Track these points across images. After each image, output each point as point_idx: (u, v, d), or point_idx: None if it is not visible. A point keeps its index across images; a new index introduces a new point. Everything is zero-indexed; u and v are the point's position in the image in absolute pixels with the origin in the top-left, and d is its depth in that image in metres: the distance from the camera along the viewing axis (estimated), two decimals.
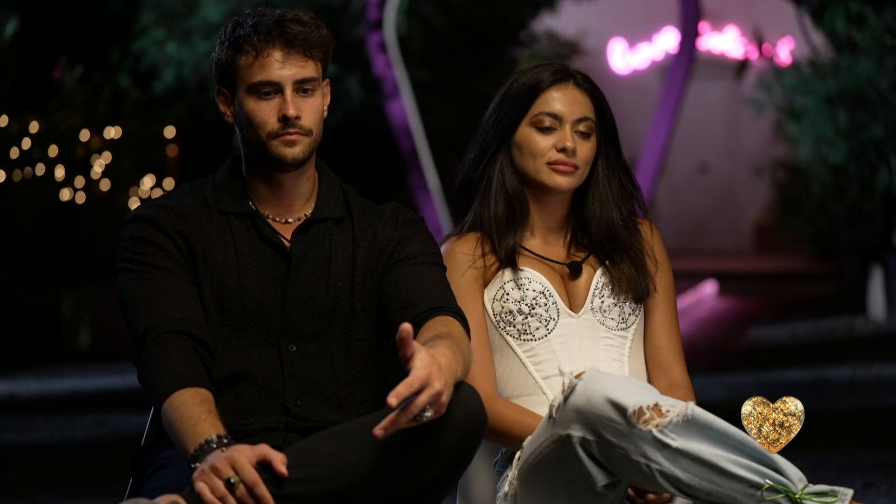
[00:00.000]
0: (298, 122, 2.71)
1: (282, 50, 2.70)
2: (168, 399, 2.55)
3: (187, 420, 2.51)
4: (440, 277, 2.78)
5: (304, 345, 2.74)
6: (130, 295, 2.68)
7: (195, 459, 2.46)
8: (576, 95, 2.99)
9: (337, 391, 2.73)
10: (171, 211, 2.74)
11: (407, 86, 11.09)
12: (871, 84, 10.06)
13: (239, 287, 2.72)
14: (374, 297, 2.78)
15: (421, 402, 2.38)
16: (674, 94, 11.35)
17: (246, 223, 2.77)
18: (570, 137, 2.95)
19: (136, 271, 2.69)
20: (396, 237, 2.80)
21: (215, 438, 2.47)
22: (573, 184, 2.98)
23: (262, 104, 2.71)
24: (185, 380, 2.56)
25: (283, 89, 2.71)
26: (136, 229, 2.72)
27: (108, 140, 10.16)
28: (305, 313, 2.74)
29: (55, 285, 9.53)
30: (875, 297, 10.81)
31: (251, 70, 2.71)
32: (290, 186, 2.78)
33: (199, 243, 2.72)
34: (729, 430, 2.57)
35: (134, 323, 2.65)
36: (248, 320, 2.71)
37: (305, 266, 2.75)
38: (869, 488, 4.86)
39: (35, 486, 5.19)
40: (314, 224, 2.79)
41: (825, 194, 12.08)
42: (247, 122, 2.73)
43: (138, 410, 6.68)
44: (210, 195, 2.78)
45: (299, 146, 2.72)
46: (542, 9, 13.27)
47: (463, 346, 2.59)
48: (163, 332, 2.61)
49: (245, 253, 2.74)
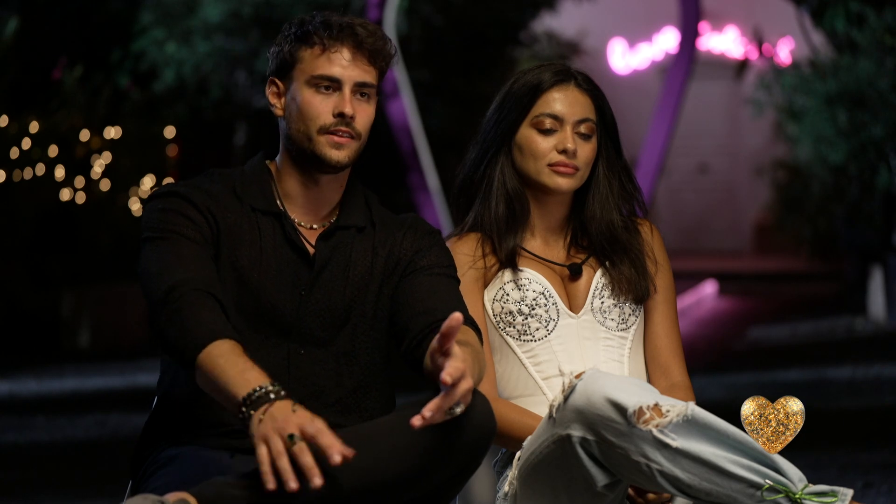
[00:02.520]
0: (353, 122, 2.71)
1: (350, 50, 2.72)
2: (206, 349, 2.48)
3: (232, 367, 2.44)
4: (456, 289, 2.79)
5: (312, 350, 2.74)
6: (153, 258, 2.63)
7: (249, 405, 2.39)
8: (577, 96, 2.99)
9: (341, 397, 2.73)
10: (205, 192, 2.73)
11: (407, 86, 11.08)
12: (871, 84, 10.06)
13: (258, 286, 2.71)
14: (387, 306, 2.78)
15: (461, 390, 2.38)
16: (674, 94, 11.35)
17: (273, 223, 2.76)
18: (570, 139, 2.95)
19: (162, 239, 2.65)
20: (414, 248, 2.81)
21: (270, 387, 2.41)
22: (574, 185, 2.98)
23: (318, 97, 2.71)
24: (223, 332, 2.51)
25: (342, 87, 2.71)
26: (168, 202, 2.69)
27: (108, 140, 10.16)
28: (319, 319, 2.74)
29: (55, 285, 9.53)
30: (875, 297, 10.81)
31: (315, 62, 2.71)
32: (324, 190, 2.77)
33: (227, 231, 2.71)
34: (729, 430, 2.57)
35: (156, 283, 2.59)
36: (262, 319, 2.70)
37: (325, 273, 2.75)
38: (869, 488, 4.86)
39: (35, 486, 5.19)
40: (338, 231, 2.78)
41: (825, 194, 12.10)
42: (299, 114, 2.72)
43: (138, 410, 6.68)
44: (240, 187, 2.77)
45: (346, 150, 2.72)
46: (542, 9, 13.27)
47: (479, 356, 2.60)
48: (190, 289, 2.56)
49: (269, 252, 2.73)
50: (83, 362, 8.82)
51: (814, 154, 10.84)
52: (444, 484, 2.55)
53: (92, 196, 9.94)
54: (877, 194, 10.77)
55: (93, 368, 8.53)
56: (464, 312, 2.72)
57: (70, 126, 9.89)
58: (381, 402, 2.78)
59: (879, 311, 10.69)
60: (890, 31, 9.93)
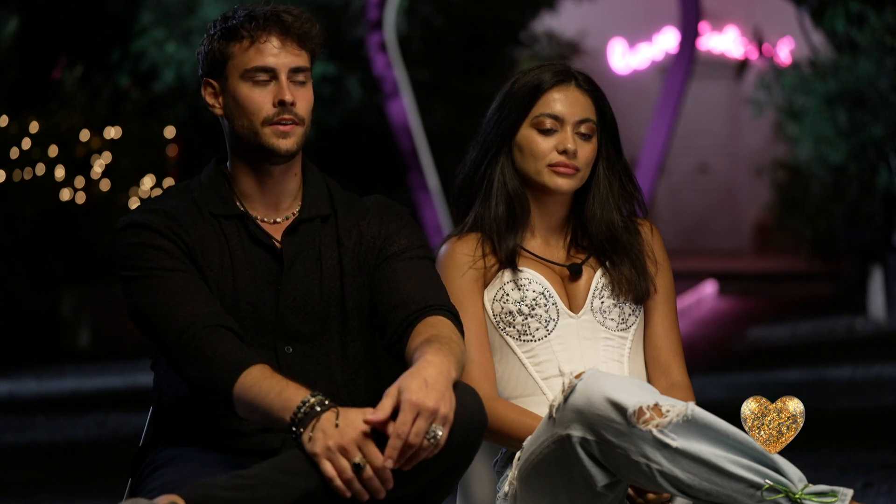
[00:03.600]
0: (294, 108, 2.70)
1: (278, 37, 2.71)
2: (238, 382, 2.52)
3: (269, 391, 2.49)
4: (429, 272, 2.78)
5: (300, 346, 2.74)
6: (147, 302, 2.64)
7: (297, 424, 2.44)
8: (577, 97, 2.98)
9: (334, 392, 2.72)
10: (163, 214, 2.71)
11: (407, 86, 11.08)
12: (871, 84, 10.06)
13: (234, 290, 2.71)
14: (366, 296, 2.77)
15: (419, 429, 2.42)
16: (674, 94, 11.35)
17: (237, 225, 2.75)
18: (571, 139, 2.95)
19: (145, 277, 2.65)
20: (383, 234, 2.79)
21: (311, 399, 2.45)
22: (574, 185, 2.98)
23: (256, 90, 2.70)
24: (248, 360, 2.54)
25: (277, 76, 2.70)
26: (133, 236, 2.69)
27: (108, 140, 10.16)
28: (299, 315, 2.73)
29: (55, 285, 9.54)
30: (875, 297, 10.81)
31: (246, 56, 2.70)
32: (279, 181, 2.76)
33: (195, 245, 2.70)
34: (729, 430, 2.57)
35: (162, 329, 2.61)
36: (244, 323, 2.70)
37: (297, 267, 2.75)
38: (869, 488, 4.86)
39: (35, 486, 5.19)
40: (302, 224, 2.78)
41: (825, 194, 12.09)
42: (239, 110, 2.72)
43: (138, 410, 6.69)
44: (198, 197, 2.76)
45: (293, 137, 2.71)
46: (542, 9, 13.27)
47: (454, 346, 2.59)
48: (199, 328, 2.58)
49: (238, 255, 2.73)
50: (83, 362, 8.82)
51: (814, 154, 10.84)
52: (437, 480, 2.55)
53: (92, 196, 9.94)
54: (877, 194, 10.77)
55: (93, 368, 8.53)
56: (437, 297, 2.72)
57: (70, 126, 9.89)
58: (370, 394, 2.77)
59: (879, 311, 10.69)
60: (890, 31, 9.93)
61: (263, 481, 2.43)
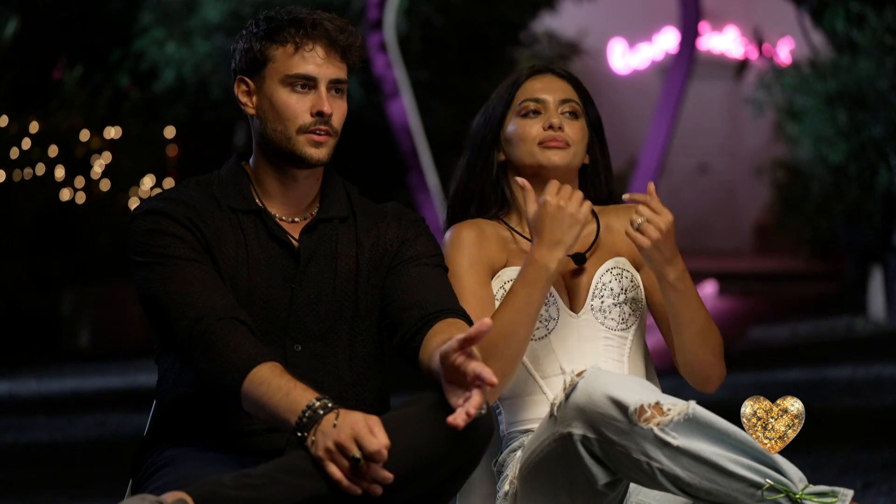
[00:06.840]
0: (331, 120, 2.71)
1: (324, 48, 2.71)
2: (247, 378, 2.51)
3: (276, 391, 2.48)
4: (444, 279, 2.79)
5: (310, 345, 2.74)
6: (161, 289, 2.62)
7: (301, 428, 2.44)
8: (556, 80, 3.03)
9: (341, 392, 2.72)
10: (182, 204, 2.71)
11: (407, 86, 11.09)
12: (871, 84, 10.07)
13: (249, 284, 2.70)
14: (377, 297, 2.77)
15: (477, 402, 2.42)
16: (674, 94, 11.35)
17: (255, 221, 2.75)
18: (555, 115, 2.97)
19: (160, 264, 2.64)
20: (400, 238, 2.80)
21: (316, 403, 2.45)
22: (567, 160, 2.97)
23: (294, 97, 2.70)
24: (258, 357, 2.53)
25: (318, 86, 2.71)
26: (150, 222, 2.67)
27: (108, 140, 10.16)
28: (312, 313, 2.73)
29: (55, 285, 9.54)
30: (875, 297, 10.81)
31: (289, 62, 2.70)
32: (302, 185, 2.77)
33: (212, 237, 2.70)
34: (730, 430, 2.57)
35: (175, 317, 2.59)
36: (256, 318, 2.69)
37: (313, 266, 2.75)
38: (869, 488, 4.86)
39: (35, 486, 5.19)
40: (321, 223, 2.78)
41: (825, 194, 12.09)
42: (275, 114, 2.72)
43: (138, 410, 6.69)
44: (217, 191, 2.76)
45: (325, 148, 2.72)
46: (542, 9, 13.27)
47: None
48: (213, 320, 2.57)
49: (255, 250, 2.73)
50: (83, 362, 8.82)
51: (814, 154, 10.85)
52: (444, 483, 2.55)
53: (92, 196, 9.94)
54: (877, 194, 10.77)
55: (93, 368, 8.53)
56: (452, 302, 2.73)
57: (70, 126, 9.89)
58: (376, 394, 2.78)
59: (879, 311, 10.69)
60: (890, 31, 9.93)
61: (270, 481, 2.42)
